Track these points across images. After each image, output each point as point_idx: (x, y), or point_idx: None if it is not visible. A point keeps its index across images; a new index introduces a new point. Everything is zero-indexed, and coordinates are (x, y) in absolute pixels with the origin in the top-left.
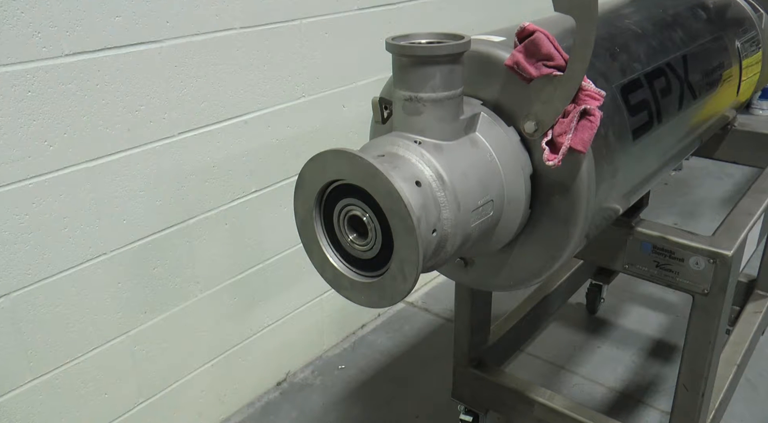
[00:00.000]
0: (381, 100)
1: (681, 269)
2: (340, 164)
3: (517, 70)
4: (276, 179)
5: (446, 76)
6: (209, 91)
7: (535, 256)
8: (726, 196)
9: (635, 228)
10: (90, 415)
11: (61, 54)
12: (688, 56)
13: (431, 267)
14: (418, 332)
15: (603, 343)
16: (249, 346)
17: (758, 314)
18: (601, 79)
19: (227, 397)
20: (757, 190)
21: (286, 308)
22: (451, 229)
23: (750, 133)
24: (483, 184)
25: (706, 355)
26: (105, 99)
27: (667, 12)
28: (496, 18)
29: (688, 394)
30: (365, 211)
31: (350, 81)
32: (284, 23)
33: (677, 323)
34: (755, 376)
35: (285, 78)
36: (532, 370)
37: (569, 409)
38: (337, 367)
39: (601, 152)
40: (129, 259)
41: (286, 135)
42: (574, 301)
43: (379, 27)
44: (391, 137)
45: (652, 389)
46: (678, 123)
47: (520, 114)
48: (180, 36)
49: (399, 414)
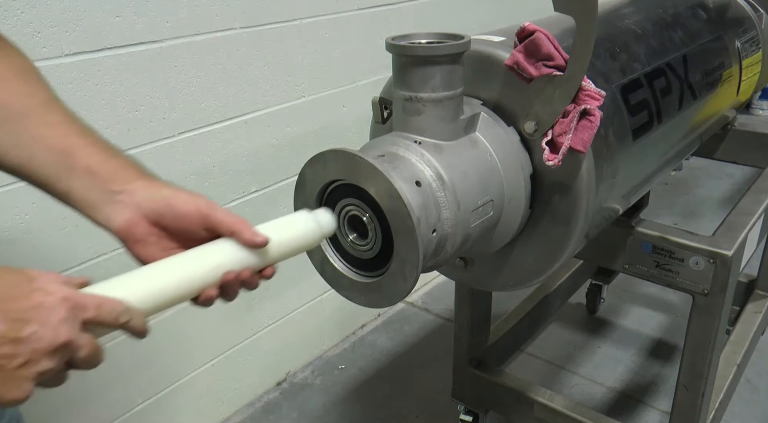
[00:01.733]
0: (381, 100)
1: (681, 269)
2: (340, 164)
3: (517, 70)
4: (276, 179)
5: (446, 76)
6: (209, 91)
7: (535, 256)
8: (726, 196)
9: (635, 228)
10: (90, 415)
11: (61, 54)
12: (688, 56)
13: (431, 267)
14: (418, 332)
15: (603, 343)
16: (249, 346)
17: (758, 314)
18: (601, 79)
19: (227, 397)
20: (757, 190)
21: (286, 308)
22: (451, 229)
23: (750, 133)
24: (483, 184)
25: (706, 355)
26: (105, 99)
27: (667, 12)
28: (496, 18)
29: (688, 394)
30: (365, 211)
31: (350, 81)
32: (284, 23)
33: (677, 323)
34: (755, 376)
35: (285, 78)
36: (532, 370)
37: (569, 409)
38: (337, 367)
39: (601, 152)
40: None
41: (286, 135)
42: (574, 301)
43: (379, 27)
44: (391, 137)
45: (652, 389)
46: (678, 123)
47: (520, 114)
48: (180, 36)
49: (399, 414)
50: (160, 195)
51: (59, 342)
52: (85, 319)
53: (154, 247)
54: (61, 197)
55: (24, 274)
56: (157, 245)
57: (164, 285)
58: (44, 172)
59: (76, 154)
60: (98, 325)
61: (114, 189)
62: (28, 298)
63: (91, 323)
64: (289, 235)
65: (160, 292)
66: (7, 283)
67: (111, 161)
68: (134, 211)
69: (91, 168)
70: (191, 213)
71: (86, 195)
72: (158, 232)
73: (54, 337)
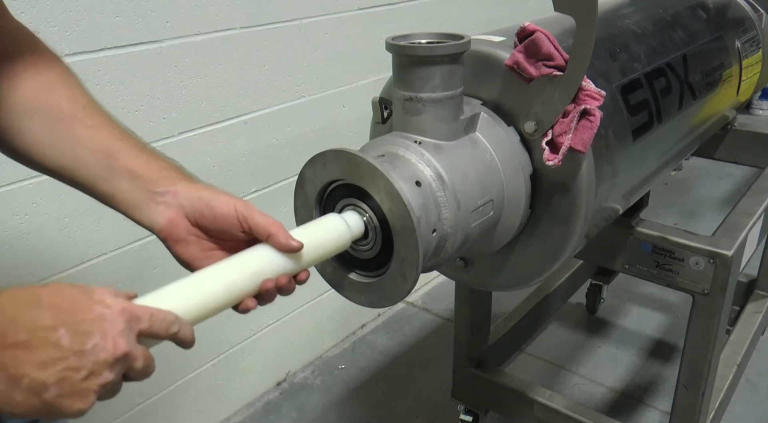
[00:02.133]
0: (381, 100)
1: (681, 269)
2: (340, 164)
3: (517, 70)
4: (276, 179)
5: (446, 76)
6: (209, 91)
7: (535, 256)
8: (726, 196)
9: (635, 228)
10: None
11: (61, 54)
12: (688, 56)
13: (431, 267)
14: (418, 332)
15: (603, 343)
16: (249, 346)
17: (758, 314)
18: (601, 79)
19: (227, 397)
20: (757, 190)
21: (286, 308)
22: (451, 229)
23: (750, 133)
24: (483, 184)
25: (706, 355)
26: (105, 99)
27: (667, 12)
28: (496, 18)
29: (688, 394)
30: (365, 211)
31: (350, 81)
32: (284, 23)
33: (677, 323)
34: (755, 376)
35: (285, 78)
36: (532, 370)
37: (569, 409)
38: (337, 367)
39: (601, 152)
40: (129, 259)
41: (286, 135)
42: (574, 301)
43: (379, 27)
44: (391, 137)
45: (652, 389)
46: (678, 123)
47: (520, 114)
48: (180, 36)
49: (399, 414)
50: (200, 196)
51: (119, 354)
52: (140, 330)
53: (194, 247)
54: (105, 198)
55: (82, 288)
56: (198, 245)
57: (208, 295)
58: (88, 174)
59: (118, 156)
60: (150, 336)
61: (157, 190)
62: (89, 311)
63: (145, 334)
64: (322, 238)
65: (204, 302)
66: (67, 296)
67: (152, 163)
68: (176, 211)
69: (133, 170)
70: (229, 214)
71: (130, 196)
72: (198, 233)
73: (114, 349)
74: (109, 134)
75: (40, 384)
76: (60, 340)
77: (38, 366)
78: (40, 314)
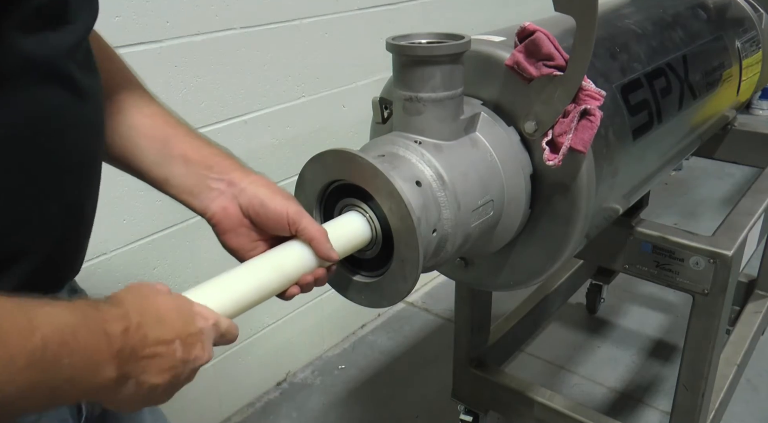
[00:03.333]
0: (381, 100)
1: (681, 269)
2: (340, 164)
3: (518, 70)
4: (276, 179)
5: (446, 76)
6: (209, 91)
7: (535, 256)
8: (726, 196)
9: (635, 228)
10: None
11: None
12: (688, 56)
13: (431, 267)
14: (418, 332)
15: (603, 343)
16: (249, 346)
17: (758, 314)
18: (601, 79)
19: (227, 397)
20: (757, 190)
21: (286, 308)
22: (452, 229)
23: (750, 133)
24: (483, 184)
25: (706, 355)
26: None
27: (667, 12)
28: (496, 18)
29: (688, 394)
30: (365, 211)
31: (350, 81)
32: (284, 23)
33: (677, 323)
34: (755, 376)
35: (285, 78)
36: (532, 370)
37: (569, 409)
38: (337, 367)
39: (601, 152)
40: (129, 259)
41: (286, 135)
42: (574, 301)
43: (379, 27)
44: (391, 137)
45: (652, 389)
46: (678, 123)
47: (520, 114)
48: (180, 36)
49: (399, 414)
50: (256, 194)
51: (208, 360)
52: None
53: (243, 238)
54: (159, 184)
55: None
56: (247, 237)
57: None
58: (144, 159)
59: (173, 142)
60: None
61: (212, 177)
62: (194, 324)
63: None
64: (350, 236)
65: (245, 299)
66: (175, 308)
67: (205, 149)
68: (230, 201)
69: (187, 155)
70: (281, 216)
71: (184, 182)
72: (248, 225)
73: (208, 358)
74: (164, 122)
75: (155, 387)
76: (176, 352)
77: (157, 373)
78: (163, 331)
